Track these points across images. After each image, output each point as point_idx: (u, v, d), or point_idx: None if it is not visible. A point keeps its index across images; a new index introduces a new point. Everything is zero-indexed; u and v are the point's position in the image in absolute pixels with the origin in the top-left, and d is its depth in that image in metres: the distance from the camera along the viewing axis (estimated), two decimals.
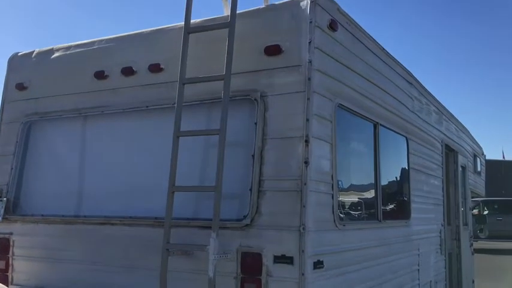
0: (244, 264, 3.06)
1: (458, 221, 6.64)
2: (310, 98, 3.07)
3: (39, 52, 4.35)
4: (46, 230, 3.92)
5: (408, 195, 4.72)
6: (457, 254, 6.51)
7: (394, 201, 4.61)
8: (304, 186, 2.97)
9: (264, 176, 3.10)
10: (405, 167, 4.74)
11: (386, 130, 4.23)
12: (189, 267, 3.20)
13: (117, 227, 3.58)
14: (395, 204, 4.64)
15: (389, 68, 4.38)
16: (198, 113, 3.49)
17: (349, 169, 3.69)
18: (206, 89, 3.38)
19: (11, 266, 4.04)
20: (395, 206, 4.63)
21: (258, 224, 3.05)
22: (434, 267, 5.38)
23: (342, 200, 3.40)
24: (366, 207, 3.98)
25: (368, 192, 3.98)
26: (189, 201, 3.39)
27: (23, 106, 4.28)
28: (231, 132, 3.15)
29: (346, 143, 3.66)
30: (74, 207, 3.89)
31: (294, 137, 3.07)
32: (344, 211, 3.51)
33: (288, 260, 2.94)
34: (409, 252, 4.64)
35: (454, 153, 6.67)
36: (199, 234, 3.17)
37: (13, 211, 4.13)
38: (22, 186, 4.20)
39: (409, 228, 4.69)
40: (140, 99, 3.70)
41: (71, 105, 4.03)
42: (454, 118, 7.03)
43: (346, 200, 3.61)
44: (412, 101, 4.98)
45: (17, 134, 4.24)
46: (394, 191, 4.63)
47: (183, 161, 3.27)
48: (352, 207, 3.76)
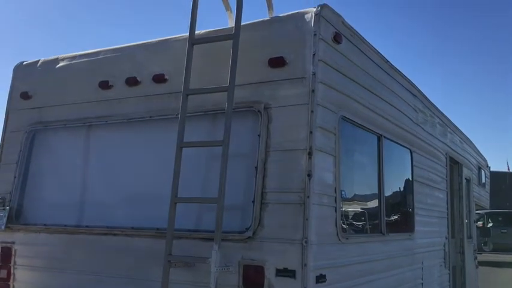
0: (246, 277, 3.03)
1: (463, 233, 6.59)
2: (313, 110, 3.06)
3: (44, 61, 4.37)
4: (48, 239, 3.91)
5: (412, 208, 4.69)
6: (461, 267, 6.45)
7: (397, 214, 4.58)
8: (307, 199, 2.95)
9: (267, 188, 3.09)
10: (409, 180, 4.71)
11: (390, 142, 4.22)
12: (191, 279, 3.18)
13: (119, 237, 3.57)
14: (399, 217, 4.60)
15: (393, 80, 4.37)
16: (202, 124, 3.49)
17: (352, 182, 3.67)
18: (210, 100, 3.38)
19: (13, 276, 4.03)
20: (399, 219, 4.60)
21: (261, 237, 3.03)
22: (438, 281, 5.33)
23: (345, 212, 3.38)
24: (369, 220, 3.95)
25: (371, 205, 3.96)
26: (192, 213, 3.37)
27: (27, 115, 4.30)
28: (234, 143, 3.14)
29: (350, 155, 3.64)
30: (76, 217, 3.88)
31: (297, 149, 3.05)
32: (347, 224, 3.48)
33: (291, 273, 2.91)
34: (412, 265, 4.60)
35: (458, 165, 6.64)
36: (201, 246, 3.15)
37: (16, 220, 4.13)
38: (25, 195, 4.20)
39: (413, 242, 4.66)
40: (144, 109, 3.71)
41: (75, 115, 4.04)
42: (459, 130, 7.00)
43: (350, 213, 3.59)
44: (416, 113, 4.97)
45: (20, 143, 4.25)
46: (397, 204, 4.60)
47: (186, 172, 3.26)
48: (355, 220, 3.73)
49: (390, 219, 4.19)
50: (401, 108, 4.53)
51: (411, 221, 4.67)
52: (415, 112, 4.94)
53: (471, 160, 7.76)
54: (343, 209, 3.32)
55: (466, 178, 6.98)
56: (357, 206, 3.80)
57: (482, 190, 8.95)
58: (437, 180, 5.60)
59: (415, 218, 4.70)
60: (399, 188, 4.63)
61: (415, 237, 4.68)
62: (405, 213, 4.70)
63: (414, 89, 4.93)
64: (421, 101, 5.16)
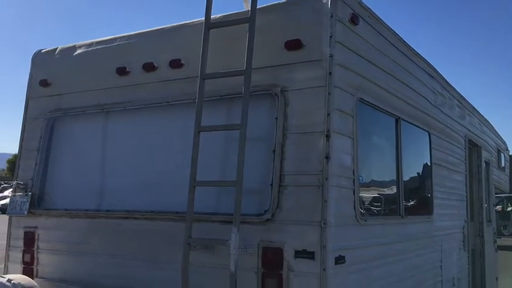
0: (265, 259, 3.06)
1: (482, 217, 6.53)
2: (331, 92, 3.04)
3: (62, 49, 4.41)
4: (70, 224, 3.99)
5: (431, 190, 4.66)
6: (480, 250, 6.40)
7: (416, 196, 4.55)
8: (325, 181, 2.95)
9: (285, 171, 3.09)
10: (427, 162, 4.67)
11: (409, 125, 4.18)
12: (211, 262, 3.22)
13: (139, 221, 3.62)
14: (417, 199, 4.58)
15: (411, 62, 4.32)
16: (219, 109, 3.50)
17: (370, 164, 3.66)
18: (227, 85, 3.38)
19: (36, 260, 4.13)
20: (418, 202, 4.57)
21: (279, 219, 3.05)
22: (457, 263, 5.31)
23: (363, 195, 3.37)
24: (387, 202, 3.94)
25: (390, 187, 3.94)
26: (210, 196, 3.40)
27: (47, 102, 4.36)
28: (251, 127, 3.14)
29: (368, 137, 3.62)
30: (96, 201, 3.94)
31: (315, 131, 3.05)
32: (365, 206, 3.48)
33: (309, 255, 2.93)
34: (431, 248, 4.59)
35: (477, 148, 6.55)
36: (220, 229, 3.18)
37: (38, 205, 4.21)
38: (46, 181, 4.28)
39: (432, 224, 4.63)
40: (161, 94, 3.73)
41: (94, 101, 4.08)
42: (477, 112, 6.90)
43: (368, 195, 3.58)
44: (434, 95, 4.91)
45: (41, 130, 4.32)
46: (416, 187, 4.57)
47: (204, 156, 3.28)
48: (373, 203, 3.72)
49: (409, 202, 4.17)
50: (419, 90, 4.48)
51: (430, 204, 4.64)
52: (433, 94, 4.88)
53: (490, 143, 7.65)
54: (361, 192, 3.31)
55: (485, 161, 6.89)
56: (375, 188, 3.79)
57: (502, 173, 8.83)
58: (456, 163, 5.55)
59: (433, 201, 4.67)
60: (417, 171, 4.60)
61: (434, 219, 4.65)
62: (424, 196, 4.68)
63: (432, 70, 4.87)
64: (439, 82, 5.09)
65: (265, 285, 3.03)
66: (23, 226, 4.25)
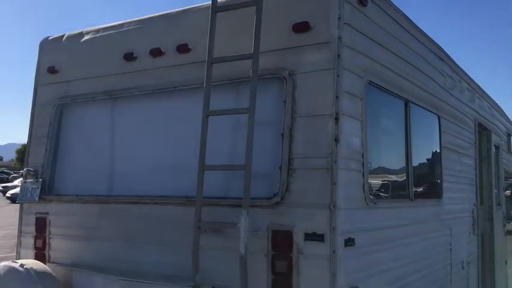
0: (275, 242, 3.07)
1: (491, 201, 6.50)
2: (339, 75, 3.02)
3: (69, 36, 4.42)
4: (80, 209, 4.03)
5: (440, 174, 4.64)
6: (489, 234, 6.39)
7: (425, 180, 4.54)
8: (334, 164, 2.95)
9: (294, 154, 3.09)
10: (437, 146, 4.65)
11: (418, 108, 4.15)
12: (221, 245, 3.24)
13: (149, 206, 3.65)
14: (427, 183, 4.57)
15: (421, 44, 4.27)
16: (227, 93, 3.49)
17: (379, 147, 3.64)
18: (234, 69, 3.37)
19: (48, 245, 4.18)
20: (427, 185, 4.56)
21: (289, 202, 3.05)
22: (466, 247, 5.30)
23: (372, 178, 3.36)
24: (397, 185, 3.93)
25: (399, 170, 3.93)
26: (220, 181, 3.41)
27: (55, 89, 4.37)
28: (260, 111, 3.14)
29: (377, 120, 3.60)
30: (107, 187, 3.97)
31: (324, 114, 3.04)
32: (375, 189, 3.47)
33: (319, 237, 2.94)
34: (441, 231, 4.58)
35: (487, 131, 6.51)
36: (229, 212, 3.19)
37: (49, 191, 4.25)
38: (56, 167, 4.31)
39: (441, 208, 4.62)
40: (169, 80, 3.72)
41: (102, 88, 4.09)
42: (487, 95, 6.83)
43: (377, 178, 3.57)
44: (444, 77, 4.86)
45: (50, 117, 4.34)
46: (425, 170, 4.56)
47: (213, 141, 3.28)
48: (383, 186, 3.72)
49: (418, 185, 4.16)
50: (428, 73, 4.44)
51: (439, 187, 4.62)
52: (442, 77, 4.83)
53: (500, 126, 7.59)
54: (371, 174, 3.30)
55: (495, 145, 6.84)
56: (384, 171, 3.78)
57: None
58: (466, 147, 5.51)
59: (443, 184, 4.65)
60: (427, 154, 4.58)
61: (443, 203, 4.64)
62: (433, 179, 4.66)
63: (442, 53, 4.82)
64: (448, 65, 5.05)
65: (275, 268, 3.05)
66: (34, 212, 4.30)
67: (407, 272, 3.75)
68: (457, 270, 4.93)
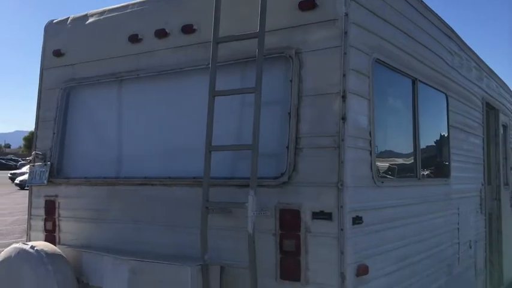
0: (282, 221, 3.08)
1: (499, 180, 6.48)
2: (346, 52, 2.99)
3: (74, 18, 4.40)
4: (89, 191, 4.05)
5: (448, 153, 4.62)
6: (497, 214, 6.38)
7: (433, 159, 4.52)
8: (341, 143, 2.94)
9: (301, 134, 3.08)
10: (445, 125, 4.62)
11: (425, 86, 4.12)
12: (229, 225, 3.25)
13: (157, 187, 3.66)
14: (434, 162, 4.55)
15: (428, 21, 4.22)
16: (233, 73, 3.48)
17: (387, 126, 3.62)
18: (240, 48, 3.35)
19: (58, 227, 4.22)
20: (435, 164, 4.55)
21: (296, 181, 3.05)
22: (474, 226, 5.30)
23: (380, 156, 3.35)
24: (404, 164, 3.92)
25: (407, 149, 3.91)
26: (227, 161, 3.41)
27: (61, 72, 4.37)
28: (266, 90, 3.12)
29: (384, 99, 3.58)
30: (115, 169, 3.99)
31: (331, 93, 3.02)
32: (382, 168, 3.46)
33: (327, 216, 2.94)
34: (448, 210, 4.58)
35: (495, 111, 6.46)
36: (237, 192, 3.20)
37: (57, 174, 4.28)
38: (64, 150, 4.33)
39: (449, 187, 4.61)
40: (174, 61, 3.71)
41: (107, 70, 4.08)
42: (495, 74, 6.76)
43: (385, 156, 3.56)
44: (451, 56, 4.81)
45: (57, 100, 4.35)
46: (433, 149, 4.54)
47: (220, 121, 3.28)
48: (390, 164, 3.71)
49: (426, 164, 4.14)
50: (436, 51, 4.39)
51: (447, 167, 4.61)
52: (450, 55, 4.78)
53: (508, 106, 7.52)
54: (378, 153, 3.29)
55: (502, 124, 6.79)
56: (392, 150, 3.77)
57: None
58: (474, 126, 5.48)
59: (451, 164, 4.63)
60: (434, 133, 4.56)
61: (451, 182, 4.63)
62: (441, 159, 4.65)
63: (449, 30, 4.76)
64: (456, 43, 4.99)
65: (283, 247, 3.07)
66: (43, 195, 4.33)
67: (415, 251, 3.76)
68: (465, 250, 4.93)
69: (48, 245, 3.81)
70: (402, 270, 3.52)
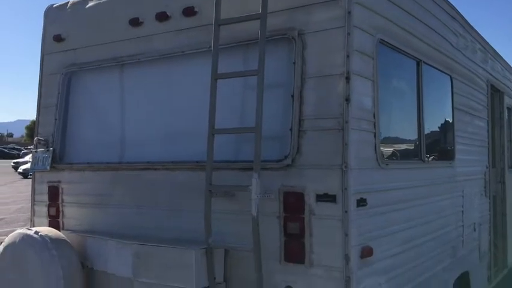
0: (286, 204, 3.07)
1: (503, 163, 6.45)
2: (350, 33, 2.95)
3: (73, 3, 4.35)
4: (92, 177, 4.05)
5: (452, 136, 4.59)
6: (501, 196, 6.36)
7: (437, 141, 4.49)
8: (345, 124, 2.91)
9: (304, 116, 3.05)
10: (449, 107, 4.57)
11: (430, 68, 4.07)
12: (233, 208, 3.24)
13: (160, 171, 3.65)
14: (439, 144, 4.52)
15: (432, 2, 4.15)
16: (235, 56, 3.44)
17: (391, 107, 3.59)
18: (242, 30, 3.30)
19: (62, 213, 4.22)
20: (439, 147, 4.52)
21: (300, 164, 3.03)
22: (478, 209, 5.28)
23: (384, 138, 3.32)
24: (409, 146, 3.89)
25: (411, 131, 3.88)
26: (230, 144, 3.40)
27: (62, 57, 4.34)
28: (269, 73, 3.09)
29: (388, 80, 3.53)
30: (117, 154, 3.98)
31: (334, 74, 2.98)
32: (387, 150, 3.43)
33: (331, 198, 2.92)
34: (453, 193, 4.56)
35: (499, 93, 6.40)
36: (240, 176, 3.19)
37: (60, 160, 4.28)
38: (67, 136, 4.32)
39: (453, 170, 4.59)
40: (176, 44, 3.67)
41: (108, 55, 4.04)
42: (500, 57, 6.69)
43: (389, 139, 3.53)
44: (456, 37, 4.75)
45: (58, 85, 4.32)
46: (438, 131, 4.50)
47: (222, 105, 3.25)
48: (395, 147, 3.68)
49: (430, 147, 4.11)
50: (441, 32, 4.33)
51: (452, 149, 4.58)
52: (455, 36, 4.72)
53: None
54: (382, 135, 3.26)
55: (507, 107, 6.74)
56: (396, 132, 3.74)
57: None
58: (478, 109, 5.43)
59: (455, 146, 4.60)
60: (439, 116, 4.51)
61: (456, 165, 4.60)
62: (445, 141, 4.61)
63: (454, 11, 4.69)
64: (461, 24, 4.92)
65: (287, 229, 3.06)
66: (46, 181, 4.33)
67: (419, 233, 3.75)
68: (469, 232, 4.92)
69: (52, 230, 3.82)
70: (407, 252, 3.52)
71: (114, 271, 3.52)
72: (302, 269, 3.00)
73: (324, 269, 2.94)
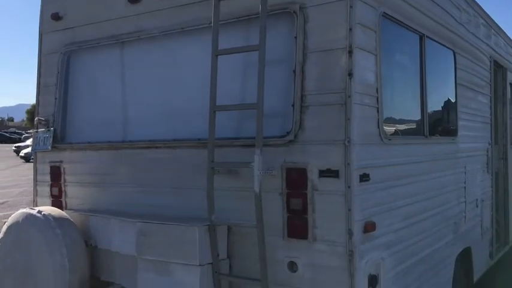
0: (289, 180, 3.06)
1: (506, 140, 6.42)
2: (352, 6, 2.90)
3: None
4: (94, 156, 4.04)
5: (455, 111, 4.55)
6: (503, 173, 6.35)
7: (440, 117, 4.46)
8: (348, 99, 2.88)
9: (307, 91, 3.02)
10: (452, 83, 4.53)
11: (433, 42, 4.01)
12: (235, 185, 3.24)
13: (162, 149, 3.64)
14: (442, 120, 4.49)
15: None
16: (236, 32, 3.39)
17: (394, 82, 3.55)
18: (242, 5, 3.26)
19: (64, 192, 4.23)
20: (442, 123, 4.49)
21: (302, 140, 3.02)
22: (480, 185, 5.28)
23: (387, 114, 3.29)
24: (411, 122, 3.87)
25: (414, 107, 3.85)
26: (231, 121, 3.37)
27: (61, 36, 4.29)
28: (270, 48, 3.05)
29: (391, 55, 3.49)
30: (119, 133, 3.96)
31: (337, 48, 2.94)
32: (389, 125, 3.41)
33: (334, 173, 2.91)
34: (455, 169, 4.55)
35: (502, 69, 6.33)
36: (243, 152, 3.17)
37: (61, 140, 4.26)
38: (67, 115, 4.30)
39: (456, 146, 4.57)
40: (175, 21, 3.61)
41: (107, 32, 4.00)
42: (503, 32, 6.60)
43: (392, 114, 3.50)
44: (459, 11, 4.68)
45: (57, 65, 4.28)
46: (440, 107, 4.47)
47: (224, 82, 3.22)
48: (397, 122, 3.65)
49: (433, 122, 4.08)
50: (444, 6, 4.26)
51: (454, 125, 4.55)
52: (458, 11, 4.65)
53: None
54: (385, 110, 3.23)
55: (510, 83, 6.68)
56: (399, 107, 3.71)
57: None
58: (481, 84, 5.38)
59: (458, 122, 4.57)
60: (442, 91, 4.47)
61: (458, 141, 4.58)
62: (448, 117, 4.58)
63: None
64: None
65: (290, 205, 3.05)
66: (48, 161, 4.33)
67: (422, 209, 3.75)
68: (471, 208, 4.92)
69: (55, 210, 3.82)
70: (409, 227, 3.52)
71: (117, 249, 3.54)
72: (305, 244, 3.00)
73: (327, 244, 2.94)
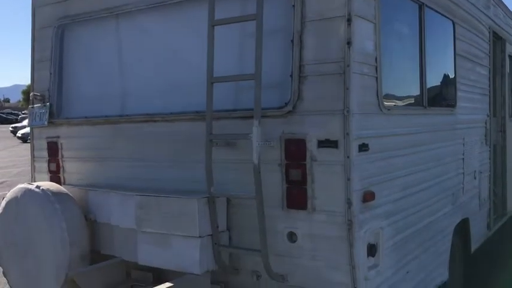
0: (288, 151, 3.05)
1: (504, 112, 6.40)
2: None
3: None
4: (91, 131, 4.01)
5: (454, 82, 4.52)
6: (501, 145, 6.35)
7: (439, 88, 4.43)
8: (347, 68, 2.85)
9: (305, 61, 2.99)
10: (451, 53, 4.49)
11: (432, 12, 3.96)
12: (234, 157, 3.23)
13: (160, 123, 3.61)
14: (440, 91, 4.46)
15: None
16: (232, 2, 3.33)
17: (393, 52, 3.51)
18: None
19: (62, 168, 4.21)
20: (441, 93, 4.46)
21: (301, 110, 2.99)
22: (478, 157, 5.28)
23: (386, 83, 3.26)
24: (410, 92, 3.84)
25: (413, 77, 3.81)
26: (229, 93, 3.34)
27: (54, 9, 4.22)
28: (267, 18, 2.99)
29: (391, 23, 3.43)
30: (116, 107, 3.93)
31: (335, 16, 2.89)
32: (388, 95, 3.38)
33: (333, 143, 2.90)
34: (454, 140, 4.54)
35: (501, 41, 6.27)
36: (241, 124, 3.15)
37: (57, 115, 4.23)
38: (63, 90, 4.26)
39: (455, 117, 4.55)
40: None
41: (101, 5, 3.93)
42: (502, 3, 6.52)
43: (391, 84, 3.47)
44: None
45: (51, 39, 4.22)
46: (439, 78, 4.43)
47: (221, 54, 3.17)
48: (396, 92, 3.62)
49: (432, 93, 4.06)
50: None
51: (453, 96, 4.53)
52: None
53: None
54: (384, 80, 3.20)
55: (509, 55, 6.63)
56: (398, 77, 3.67)
57: None
58: (480, 56, 5.34)
59: (457, 93, 4.54)
60: (441, 61, 4.43)
61: (457, 112, 4.56)
62: (447, 88, 4.55)
63: None
64: None
65: (289, 176, 3.05)
66: (45, 137, 4.30)
67: (420, 179, 3.75)
68: (469, 180, 4.94)
69: (54, 185, 3.82)
70: (408, 197, 3.53)
71: (117, 223, 3.55)
72: (304, 215, 3.01)
73: (326, 214, 2.95)
